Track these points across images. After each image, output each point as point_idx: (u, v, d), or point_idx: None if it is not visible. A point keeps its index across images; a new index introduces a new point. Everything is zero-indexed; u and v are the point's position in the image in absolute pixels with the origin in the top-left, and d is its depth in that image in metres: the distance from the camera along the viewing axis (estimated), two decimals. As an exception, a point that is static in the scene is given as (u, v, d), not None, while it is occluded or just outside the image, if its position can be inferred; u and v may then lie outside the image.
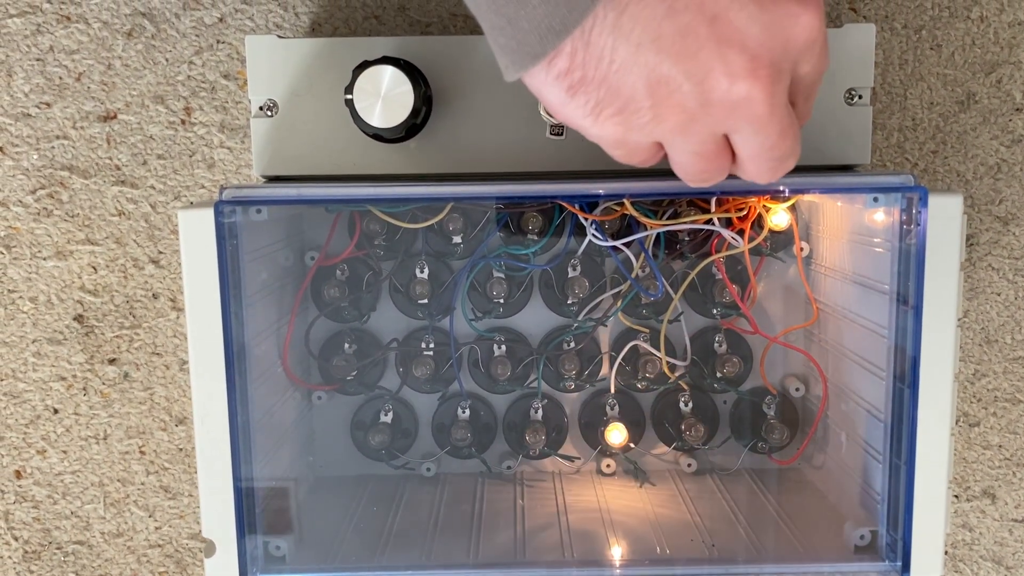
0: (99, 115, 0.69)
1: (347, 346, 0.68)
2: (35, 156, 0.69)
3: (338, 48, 0.58)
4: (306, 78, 0.58)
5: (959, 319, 0.53)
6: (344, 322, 0.69)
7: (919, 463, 0.53)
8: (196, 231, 0.52)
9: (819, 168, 0.59)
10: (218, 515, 0.54)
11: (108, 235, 0.70)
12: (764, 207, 0.63)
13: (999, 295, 0.72)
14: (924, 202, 0.51)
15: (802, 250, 0.68)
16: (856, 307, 0.61)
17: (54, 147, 0.69)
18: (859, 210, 0.59)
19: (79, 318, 0.71)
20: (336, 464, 0.71)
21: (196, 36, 0.68)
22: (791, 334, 0.69)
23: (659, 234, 0.65)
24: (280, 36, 0.59)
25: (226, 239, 0.52)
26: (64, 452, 0.73)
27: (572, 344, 0.69)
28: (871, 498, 0.58)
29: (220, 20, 0.68)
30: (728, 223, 0.63)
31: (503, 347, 0.68)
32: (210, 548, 0.54)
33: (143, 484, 0.73)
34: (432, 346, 0.68)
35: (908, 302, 0.53)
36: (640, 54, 0.39)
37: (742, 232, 0.63)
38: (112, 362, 0.72)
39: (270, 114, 0.59)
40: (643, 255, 0.65)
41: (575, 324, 0.69)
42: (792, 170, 0.46)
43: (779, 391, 0.69)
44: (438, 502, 0.67)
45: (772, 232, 0.65)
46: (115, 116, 0.69)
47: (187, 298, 0.52)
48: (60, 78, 0.69)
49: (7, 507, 0.73)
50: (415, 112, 0.55)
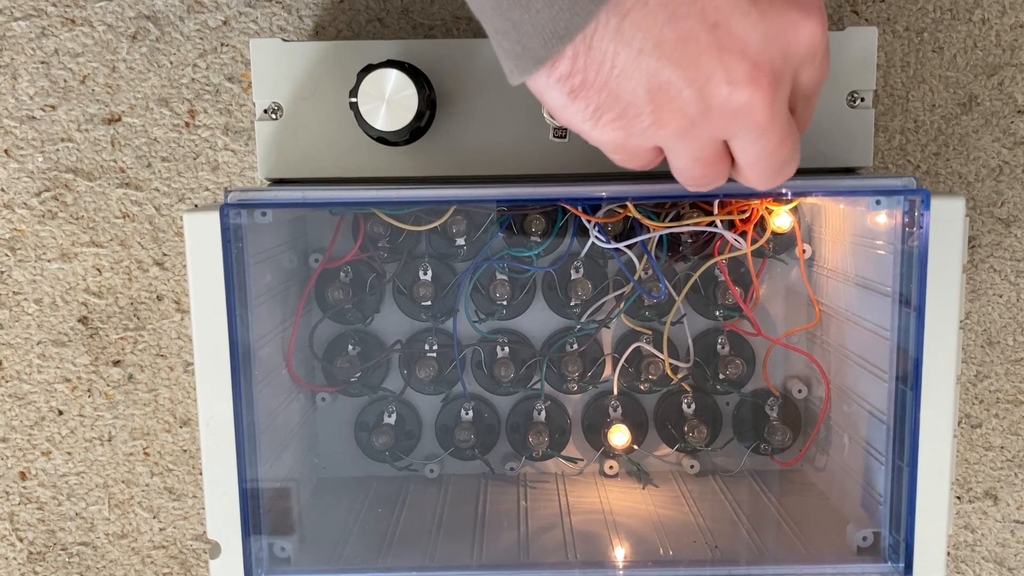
0: (104, 118, 0.69)
1: (351, 348, 0.69)
2: (40, 158, 0.70)
3: (342, 51, 0.58)
4: (310, 81, 0.59)
5: (961, 321, 0.53)
6: (348, 324, 0.69)
7: (921, 464, 0.53)
8: (202, 234, 0.52)
9: (821, 171, 0.59)
10: (223, 516, 0.54)
11: (112, 237, 0.70)
12: (767, 209, 0.63)
13: (1001, 297, 0.72)
14: (926, 205, 0.51)
15: (804, 252, 0.68)
16: (858, 309, 0.61)
17: (59, 149, 0.69)
18: (861, 212, 0.60)
19: (84, 320, 0.71)
20: (340, 465, 0.71)
21: (200, 39, 0.68)
22: (793, 336, 0.69)
23: (662, 236, 0.65)
24: (284, 39, 0.59)
25: (231, 242, 0.52)
26: (69, 453, 0.73)
27: (575, 346, 0.69)
28: (873, 499, 0.58)
29: (224, 23, 0.68)
30: (731, 225, 0.63)
31: (506, 349, 0.69)
32: (215, 549, 0.54)
33: (147, 485, 0.73)
34: (435, 348, 0.68)
35: (910, 304, 0.53)
36: (641, 60, 0.39)
37: (745, 234, 0.63)
38: (117, 364, 0.72)
39: (274, 117, 0.59)
40: (646, 257, 0.66)
41: (578, 326, 0.69)
42: (794, 173, 0.46)
43: (781, 393, 0.70)
44: (441, 503, 0.67)
45: (774, 234, 0.65)
46: (119, 119, 0.69)
47: (192, 301, 0.53)
48: (65, 81, 0.69)
49: (12, 508, 0.73)
50: (419, 115, 0.55)
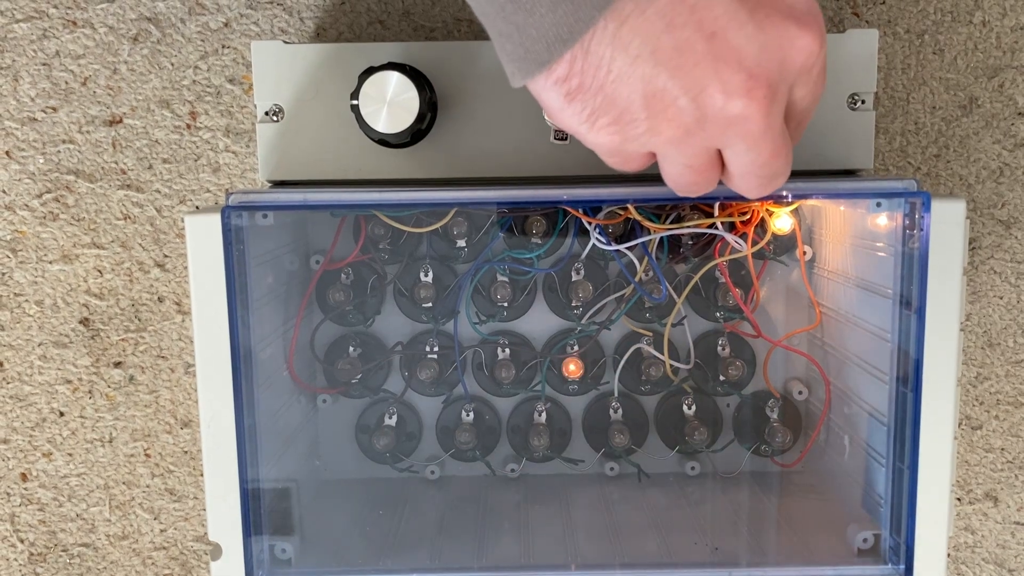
0: (105, 119, 0.69)
1: (352, 350, 0.69)
2: (41, 160, 0.70)
3: (343, 53, 0.58)
4: (312, 83, 0.59)
5: (962, 323, 0.53)
6: (349, 326, 0.69)
7: (922, 466, 0.53)
8: (203, 236, 0.52)
9: (822, 173, 0.59)
10: (224, 518, 0.54)
11: (114, 239, 0.70)
12: (767, 211, 0.63)
13: (1001, 299, 0.72)
14: (927, 207, 0.51)
15: (805, 254, 0.68)
16: (859, 311, 0.61)
17: (60, 151, 0.70)
18: (862, 214, 0.60)
19: (85, 321, 0.71)
20: (341, 467, 0.71)
21: (201, 41, 0.69)
22: (794, 338, 0.69)
23: (662, 238, 0.65)
24: (286, 41, 0.59)
25: (232, 244, 0.52)
26: (70, 455, 0.73)
27: (576, 347, 0.69)
28: (874, 501, 0.58)
29: (225, 25, 0.68)
30: (731, 227, 0.63)
31: (507, 350, 0.69)
32: (216, 551, 0.54)
33: (148, 487, 0.73)
34: (436, 349, 0.68)
35: (911, 306, 0.53)
36: (637, 66, 0.39)
37: (745, 236, 0.63)
38: (118, 365, 0.72)
39: (276, 119, 0.59)
40: (647, 259, 0.66)
41: (579, 328, 0.69)
42: (795, 175, 0.46)
43: (782, 394, 0.70)
44: (442, 505, 0.67)
45: (775, 236, 0.66)
46: (121, 120, 0.69)
47: (194, 303, 0.53)
48: (66, 82, 0.69)
49: (13, 509, 0.73)
50: (420, 117, 0.55)
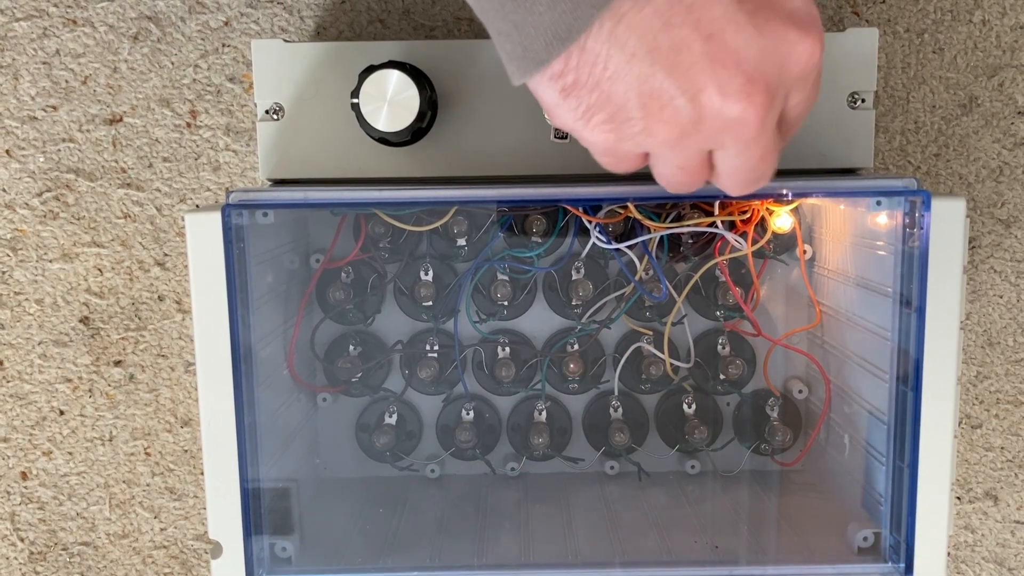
0: (105, 118, 0.69)
1: (352, 348, 0.69)
2: (41, 159, 0.70)
3: (344, 52, 0.58)
4: (312, 82, 0.59)
5: (962, 321, 0.53)
6: (349, 324, 0.69)
7: (922, 465, 0.53)
8: (203, 234, 0.52)
9: (822, 171, 0.59)
10: (224, 516, 0.54)
11: (114, 237, 0.70)
12: (767, 210, 0.63)
13: (1001, 297, 0.72)
14: (927, 205, 0.51)
15: (805, 253, 0.68)
16: (859, 310, 0.61)
17: (60, 150, 0.70)
18: (862, 213, 0.60)
19: (85, 320, 0.71)
20: (341, 466, 0.71)
21: (202, 40, 0.68)
22: (794, 336, 0.69)
23: (663, 237, 0.65)
24: (286, 40, 0.59)
25: (233, 242, 0.52)
26: (70, 453, 0.73)
27: (576, 346, 0.69)
28: (874, 500, 0.58)
29: (225, 24, 0.68)
30: (731, 226, 0.63)
31: (507, 349, 0.69)
32: (216, 549, 0.54)
33: (148, 485, 0.73)
34: (436, 348, 0.68)
35: (911, 305, 0.53)
36: (633, 64, 0.39)
37: (745, 235, 0.63)
38: (118, 364, 0.72)
39: (276, 118, 0.59)
40: (647, 258, 0.66)
41: (579, 326, 0.69)
42: (796, 173, 0.46)
43: (782, 393, 0.70)
44: (442, 504, 0.67)
45: (775, 235, 0.66)
46: (121, 119, 0.69)
47: (194, 301, 0.53)
48: (66, 81, 0.69)
49: (13, 508, 0.73)
50: (420, 116, 0.55)
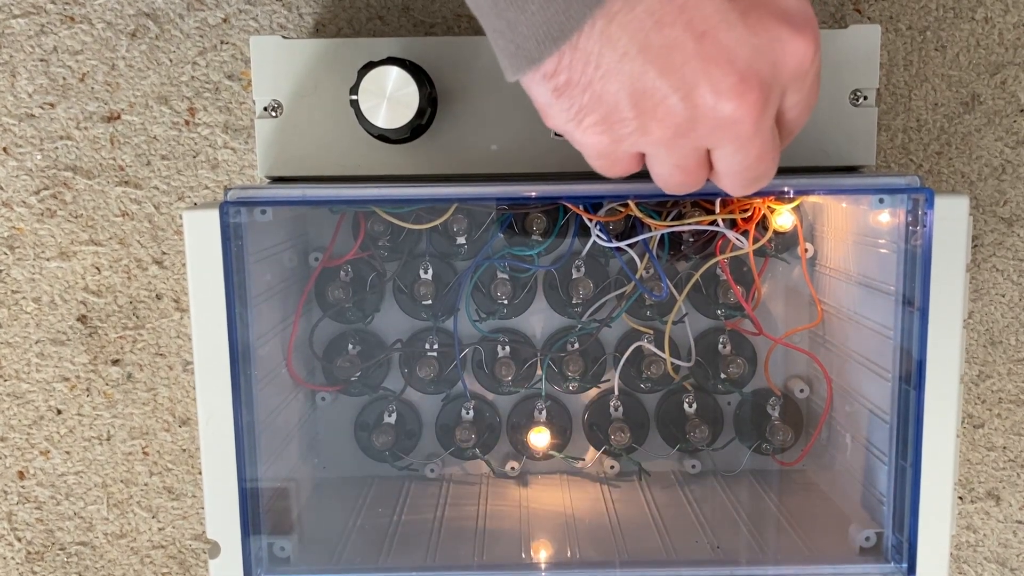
0: (103, 116, 0.69)
1: (351, 347, 0.68)
2: (39, 157, 0.69)
3: (342, 49, 0.58)
4: (311, 79, 0.58)
5: (964, 320, 0.53)
6: (348, 323, 0.69)
7: (925, 464, 0.53)
8: (201, 232, 0.52)
9: (824, 169, 0.59)
10: (222, 516, 0.54)
11: (112, 236, 0.70)
12: (769, 208, 0.63)
13: (1003, 296, 0.72)
14: (930, 203, 0.51)
15: (806, 251, 0.67)
16: (861, 308, 0.61)
17: (58, 148, 0.69)
18: (864, 211, 0.59)
19: (83, 319, 0.71)
20: (340, 465, 0.71)
21: (200, 37, 0.68)
22: (795, 335, 0.69)
23: (663, 235, 0.65)
24: (284, 37, 0.59)
25: (231, 240, 0.52)
26: (67, 453, 0.73)
27: (576, 345, 0.69)
28: (876, 500, 0.58)
29: (224, 21, 0.68)
30: (732, 224, 0.63)
31: (507, 348, 0.68)
32: (214, 549, 0.54)
33: (146, 485, 0.73)
34: (436, 347, 0.68)
35: (914, 303, 0.53)
36: (625, 63, 0.39)
37: (746, 233, 0.63)
38: (115, 363, 0.72)
39: (274, 115, 0.59)
40: (647, 256, 0.65)
41: (579, 325, 0.69)
42: (797, 171, 0.46)
43: (783, 392, 0.69)
44: (442, 503, 0.67)
45: (776, 233, 0.65)
46: (119, 117, 0.69)
47: (192, 299, 0.52)
48: (64, 79, 0.69)
49: (10, 508, 0.73)
50: (420, 113, 0.55)
